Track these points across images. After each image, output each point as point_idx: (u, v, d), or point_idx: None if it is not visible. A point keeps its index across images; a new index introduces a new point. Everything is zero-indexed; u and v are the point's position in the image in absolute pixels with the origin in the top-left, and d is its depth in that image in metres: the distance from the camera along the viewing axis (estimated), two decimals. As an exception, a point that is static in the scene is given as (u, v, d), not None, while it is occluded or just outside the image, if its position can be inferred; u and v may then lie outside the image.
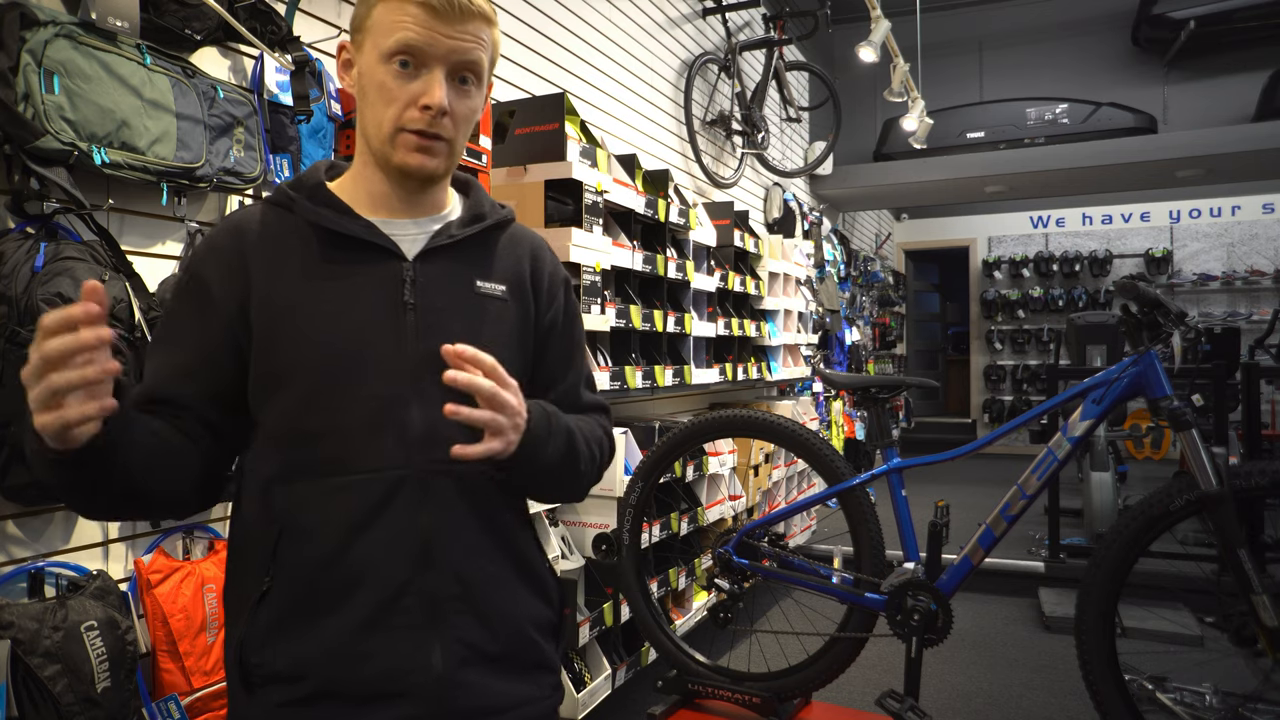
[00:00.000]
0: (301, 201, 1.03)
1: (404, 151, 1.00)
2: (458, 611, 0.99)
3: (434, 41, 0.97)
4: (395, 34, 0.96)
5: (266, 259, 1.01)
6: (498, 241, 1.13)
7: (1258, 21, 6.80)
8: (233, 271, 1.00)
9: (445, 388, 0.90)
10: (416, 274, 1.03)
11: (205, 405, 1.00)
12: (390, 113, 0.99)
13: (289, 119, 1.94)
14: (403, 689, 0.96)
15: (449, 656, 0.98)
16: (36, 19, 1.44)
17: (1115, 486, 4.75)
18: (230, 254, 1.01)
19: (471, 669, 1.00)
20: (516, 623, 1.05)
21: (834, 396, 6.14)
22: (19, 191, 1.46)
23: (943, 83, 7.62)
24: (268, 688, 0.97)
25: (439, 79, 0.98)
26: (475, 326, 1.05)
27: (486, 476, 1.03)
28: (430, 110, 0.97)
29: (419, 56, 0.97)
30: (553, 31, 3.31)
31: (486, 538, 1.03)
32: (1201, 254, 9.78)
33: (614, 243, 2.78)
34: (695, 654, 2.30)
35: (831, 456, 2.18)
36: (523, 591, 1.07)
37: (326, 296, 1.00)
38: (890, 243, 10.60)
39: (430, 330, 1.01)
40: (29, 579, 1.51)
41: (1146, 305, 2.02)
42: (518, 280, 1.12)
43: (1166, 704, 2.86)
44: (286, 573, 0.97)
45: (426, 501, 0.98)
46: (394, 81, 0.98)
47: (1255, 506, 3.27)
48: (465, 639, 0.99)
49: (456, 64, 0.99)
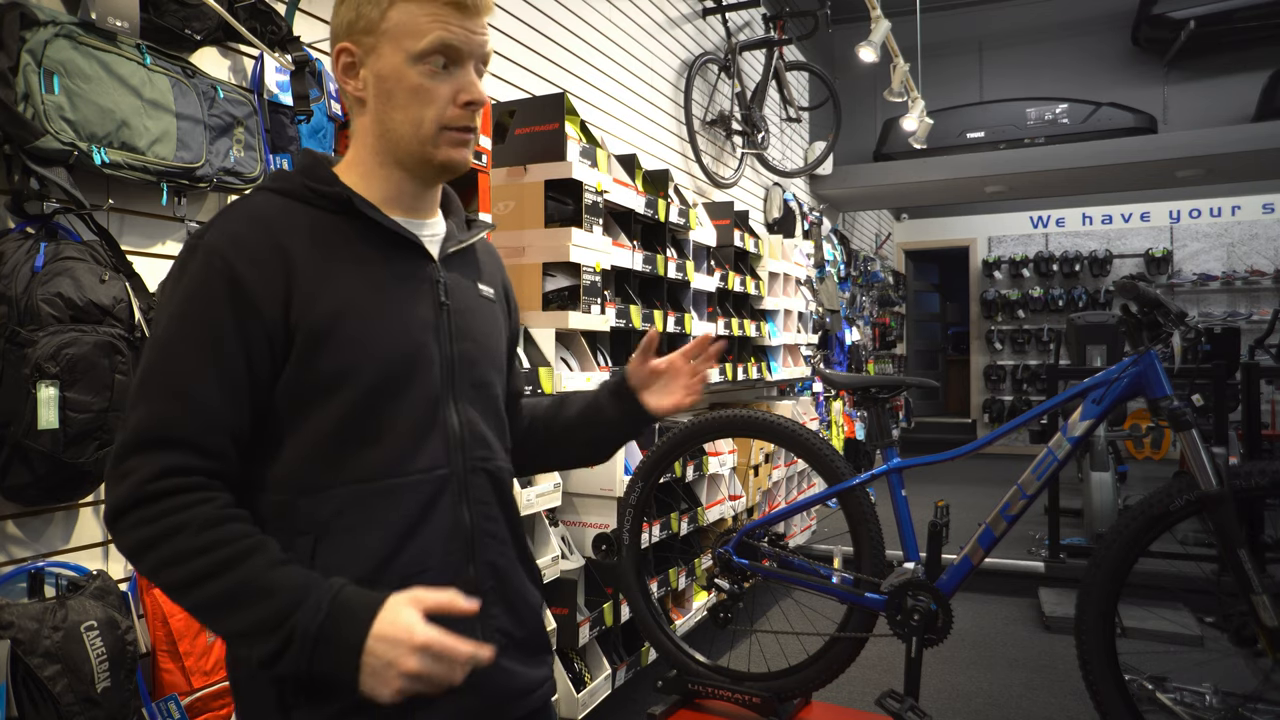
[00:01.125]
0: (355, 197, 0.99)
1: (448, 148, 1.01)
2: (493, 602, 1.03)
3: (467, 39, 0.98)
4: (430, 34, 0.96)
5: (309, 253, 0.95)
6: (479, 248, 1.18)
7: (1258, 21, 6.80)
8: (271, 267, 0.93)
9: (475, 386, 1.02)
10: (443, 274, 1.06)
11: (246, 436, 0.94)
12: (430, 113, 0.98)
13: (289, 119, 1.94)
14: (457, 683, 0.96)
15: (491, 645, 0.97)
16: (36, 19, 1.44)
17: (1115, 486, 4.75)
18: (263, 248, 0.93)
19: (507, 655, 1.04)
20: (533, 608, 1.12)
21: (834, 396, 6.14)
22: (19, 191, 1.46)
23: (943, 83, 7.62)
24: (310, 702, 0.92)
25: (474, 75, 1.00)
26: (485, 329, 1.11)
27: (510, 472, 1.11)
28: (473, 106, 1.00)
29: (455, 55, 0.98)
30: (553, 31, 3.31)
31: (508, 530, 1.09)
32: (1201, 254, 9.77)
33: (614, 243, 2.78)
34: (695, 654, 2.30)
35: (831, 456, 2.17)
36: (528, 580, 1.13)
37: (380, 297, 0.98)
38: (890, 243, 10.60)
39: (459, 332, 1.05)
40: (29, 579, 1.51)
41: (1146, 305, 2.02)
42: (503, 287, 1.20)
43: (1166, 704, 2.86)
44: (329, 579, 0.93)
45: (467, 499, 1.02)
46: (430, 81, 0.97)
47: (1255, 506, 3.27)
48: (501, 627, 1.04)
49: (480, 57, 1.01)
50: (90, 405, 1.45)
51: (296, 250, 0.95)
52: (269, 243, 0.94)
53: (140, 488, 0.87)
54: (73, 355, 1.42)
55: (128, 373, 1.52)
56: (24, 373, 1.38)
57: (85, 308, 1.46)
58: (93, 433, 1.46)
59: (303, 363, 0.94)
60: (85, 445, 1.45)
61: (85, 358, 1.44)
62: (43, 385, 1.39)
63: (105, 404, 1.47)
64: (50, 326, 1.42)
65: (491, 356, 1.11)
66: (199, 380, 0.90)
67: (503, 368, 1.15)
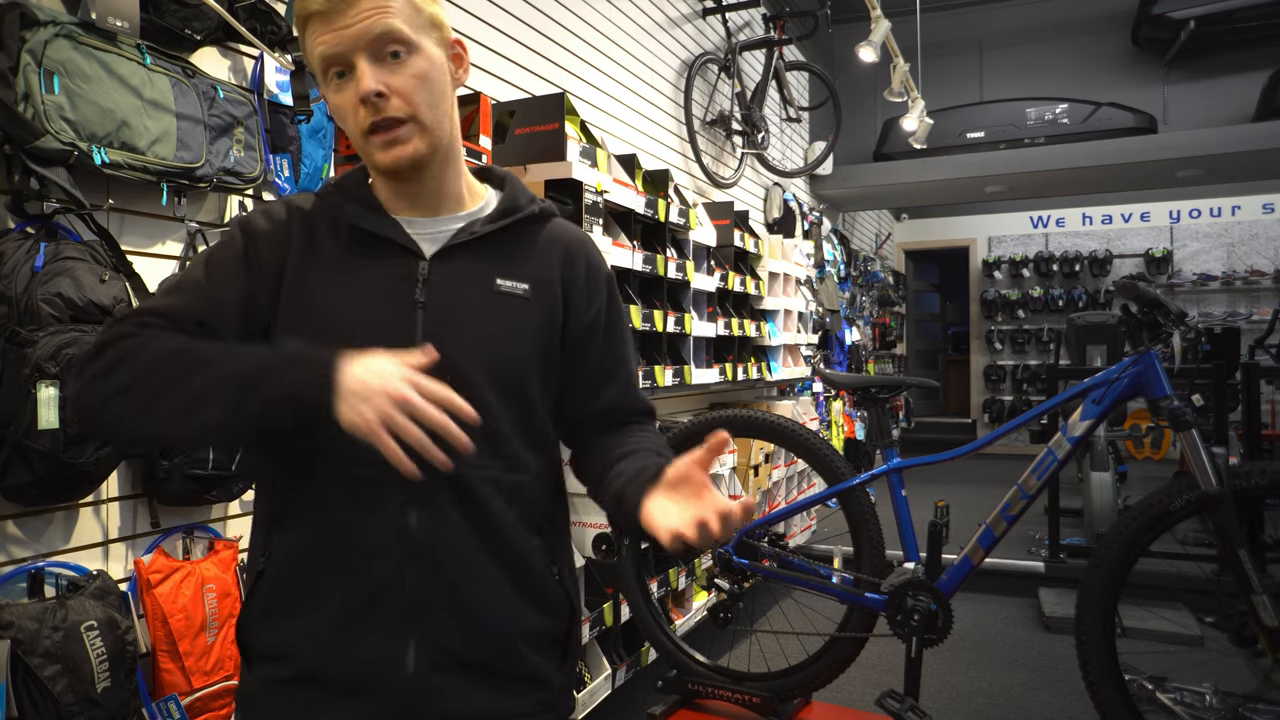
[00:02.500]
0: (341, 198, 1.06)
1: (378, 153, 0.99)
2: (440, 614, 0.98)
3: (339, 39, 0.95)
4: (315, 55, 0.97)
5: (304, 241, 1.03)
6: (532, 237, 1.10)
7: (1258, 21, 6.80)
8: (280, 241, 1.03)
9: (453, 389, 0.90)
10: (431, 273, 1.02)
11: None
12: (350, 125, 0.99)
13: (289, 119, 1.94)
14: (378, 684, 0.97)
15: (424, 658, 0.97)
16: (36, 19, 1.44)
17: (1115, 486, 4.75)
18: (280, 225, 1.04)
19: (448, 674, 0.98)
20: (503, 633, 1.02)
21: (834, 396, 6.14)
22: (19, 191, 1.46)
23: (943, 83, 7.61)
24: (260, 663, 1.02)
25: (363, 68, 0.95)
26: (492, 326, 1.03)
27: (508, 484, 1.02)
28: (366, 101, 0.96)
29: (340, 61, 0.96)
30: (553, 31, 3.31)
31: (479, 542, 1.00)
32: (1201, 254, 9.77)
33: (614, 243, 2.78)
34: (695, 654, 2.30)
35: (831, 456, 2.18)
36: (516, 602, 1.03)
37: (345, 289, 1.01)
38: (890, 243, 10.60)
39: (438, 330, 0.99)
40: (29, 579, 1.51)
41: (1146, 305, 2.02)
42: (545, 279, 1.08)
43: (1166, 704, 2.86)
44: (278, 556, 1.00)
45: (418, 502, 0.97)
46: (337, 96, 0.99)
47: (1255, 506, 3.27)
48: (444, 643, 0.98)
49: (370, 45, 0.95)
50: (90, 405, 1.45)
51: (296, 238, 1.03)
52: (283, 226, 1.04)
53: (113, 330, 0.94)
54: (73, 355, 1.42)
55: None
56: (24, 373, 1.38)
57: (85, 308, 1.46)
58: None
59: (277, 335, 1.00)
60: (85, 445, 1.45)
61: (85, 358, 1.44)
62: (43, 385, 1.39)
63: (105, 404, 1.47)
64: (50, 326, 1.42)
65: (490, 356, 1.02)
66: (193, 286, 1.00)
67: (523, 363, 1.05)
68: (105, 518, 1.67)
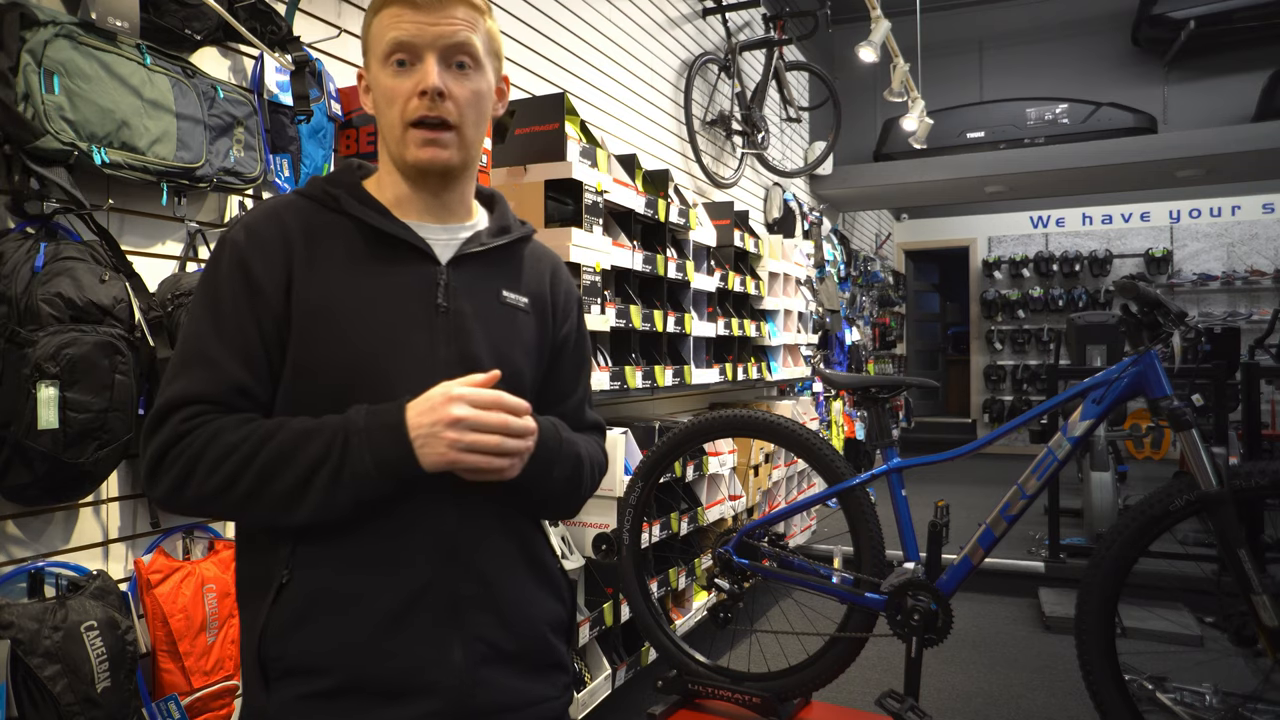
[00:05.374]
0: (345, 198, 1.05)
1: (414, 147, 1.02)
2: (479, 610, 1.01)
3: (420, 32, 0.99)
4: (386, 36, 1.00)
5: (307, 251, 1.02)
6: (522, 255, 1.16)
7: (1258, 21, 6.79)
8: (276, 260, 1.01)
9: None
10: (449, 279, 1.05)
11: (269, 397, 1.02)
12: (395, 111, 1.01)
13: (289, 119, 1.94)
14: (426, 685, 0.97)
15: (470, 654, 1.00)
16: (36, 19, 1.44)
17: (1115, 486, 4.75)
18: (272, 242, 1.01)
19: (491, 666, 1.02)
20: (533, 622, 1.08)
21: (834, 396, 6.14)
22: (19, 191, 1.46)
23: (943, 83, 7.61)
24: (286, 680, 0.98)
25: (431, 64, 1.00)
26: (500, 335, 1.08)
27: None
28: (427, 94, 0.99)
29: (410, 50, 1.00)
30: (553, 31, 3.31)
31: (507, 539, 1.06)
32: (1201, 254, 9.78)
33: (614, 243, 2.78)
34: (695, 654, 2.30)
35: (831, 456, 2.17)
36: (538, 591, 1.09)
37: (363, 295, 1.01)
38: (890, 243, 10.60)
39: (460, 335, 1.04)
40: (29, 579, 1.51)
41: (1146, 305, 2.02)
42: (539, 295, 1.15)
43: (1166, 704, 2.86)
44: (307, 567, 0.98)
45: (452, 502, 1.00)
46: (393, 80, 1.01)
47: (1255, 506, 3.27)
48: (485, 637, 1.01)
49: (446, 48, 1.00)
50: (90, 405, 1.45)
51: (297, 245, 1.02)
52: (278, 236, 1.02)
53: (171, 432, 0.96)
54: (73, 355, 1.42)
55: (128, 373, 1.52)
56: (24, 373, 1.38)
57: (85, 308, 1.46)
58: (93, 433, 1.46)
59: (294, 349, 1.00)
60: (85, 445, 1.45)
61: (85, 358, 1.44)
62: (43, 385, 1.39)
63: (105, 404, 1.47)
64: (50, 326, 1.42)
65: (500, 364, 1.05)
66: (215, 347, 0.98)
67: (523, 376, 1.10)
68: (105, 518, 1.67)
